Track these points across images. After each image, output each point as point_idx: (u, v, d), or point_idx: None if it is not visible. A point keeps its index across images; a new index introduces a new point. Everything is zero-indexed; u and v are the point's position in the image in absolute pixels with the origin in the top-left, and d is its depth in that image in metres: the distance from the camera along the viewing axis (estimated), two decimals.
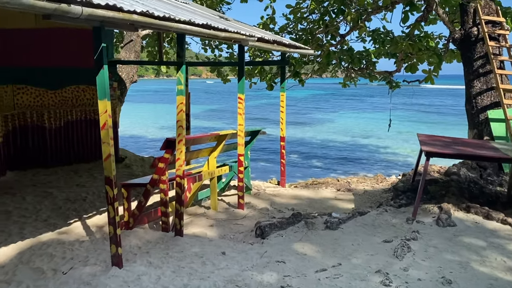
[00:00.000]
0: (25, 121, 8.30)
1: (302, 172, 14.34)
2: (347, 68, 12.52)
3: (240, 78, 5.83)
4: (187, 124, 8.56)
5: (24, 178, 7.90)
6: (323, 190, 7.64)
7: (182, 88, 4.45)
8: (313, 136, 23.84)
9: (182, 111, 4.48)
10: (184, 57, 4.46)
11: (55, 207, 6.12)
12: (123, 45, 11.37)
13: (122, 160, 9.07)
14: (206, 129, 26.48)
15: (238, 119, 5.89)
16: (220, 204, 6.38)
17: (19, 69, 8.25)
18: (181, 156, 4.54)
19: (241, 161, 5.97)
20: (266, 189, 7.48)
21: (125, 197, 5.01)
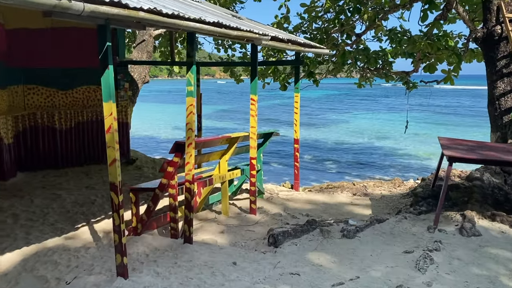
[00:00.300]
0: (36, 122, 8.21)
1: (316, 175, 14.08)
2: (362, 68, 12.25)
3: (252, 78, 5.62)
4: (199, 125, 8.38)
5: (34, 179, 7.80)
6: (339, 195, 7.39)
7: (192, 89, 4.25)
8: (327, 138, 23.52)
9: (191, 113, 4.28)
10: (195, 57, 4.27)
11: (63, 211, 5.98)
12: (136, 45, 11.24)
13: (133, 161, 8.93)
14: (219, 130, 26.33)
15: (251, 121, 5.68)
16: (232, 208, 6.17)
17: (29, 69, 8.17)
18: (190, 160, 4.34)
19: (253, 165, 5.75)
20: (279, 193, 7.25)
21: (133, 201, 4.83)
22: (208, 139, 5.04)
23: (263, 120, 31.13)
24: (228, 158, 5.74)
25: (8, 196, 6.73)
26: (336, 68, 12.42)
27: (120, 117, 8.95)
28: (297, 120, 7.39)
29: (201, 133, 8.46)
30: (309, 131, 26.11)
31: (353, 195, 7.47)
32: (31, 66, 8.15)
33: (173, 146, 4.53)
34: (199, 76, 8.37)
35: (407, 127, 12.33)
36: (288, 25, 11.61)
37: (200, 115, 8.33)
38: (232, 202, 6.53)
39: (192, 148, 4.35)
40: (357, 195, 7.47)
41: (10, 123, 7.76)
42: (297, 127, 7.41)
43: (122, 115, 8.98)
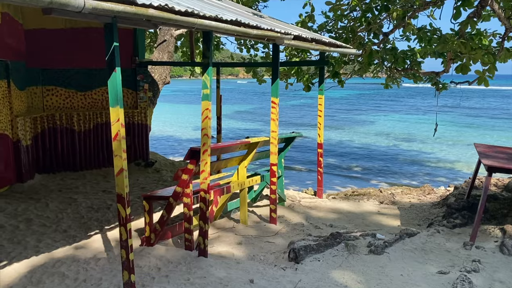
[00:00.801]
0: (54, 124, 8.10)
1: (340, 179, 13.64)
2: (390, 69, 11.79)
3: (274, 80, 5.30)
4: (218, 128, 8.12)
5: (52, 182, 7.69)
6: (365, 203, 6.99)
7: (207, 92, 3.96)
8: (352, 139, 22.95)
9: (207, 118, 3.99)
10: (211, 58, 3.98)
11: (77, 216, 5.80)
12: (157, 45, 11.07)
13: (152, 164, 8.73)
14: (240, 131, 26.09)
15: (271, 125, 5.36)
16: (251, 217, 5.87)
17: (48, 70, 8.07)
18: (206, 167, 4.06)
19: (274, 171, 5.43)
20: (301, 200, 6.91)
21: (146, 210, 4.58)
22: (226, 145, 4.75)
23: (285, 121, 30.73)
24: (247, 164, 5.44)
25: (25, 199, 6.61)
26: (362, 68, 11.99)
27: (139, 118, 8.78)
28: (321, 124, 7.03)
29: (220, 136, 8.19)
30: (334, 132, 25.58)
31: (380, 203, 7.07)
32: (50, 67, 8.05)
33: (188, 153, 4.26)
34: (219, 77, 8.11)
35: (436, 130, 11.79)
36: (312, 24, 11.25)
37: (220, 117, 8.06)
38: (251, 210, 6.23)
39: (208, 155, 4.06)
40: (385, 203, 7.06)
41: (29, 125, 7.67)
42: (321, 130, 7.05)
43: (141, 117, 8.80)
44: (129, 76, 8.64)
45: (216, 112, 8.05)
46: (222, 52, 17.06)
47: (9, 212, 5.93)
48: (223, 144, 4.74)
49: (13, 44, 7.36)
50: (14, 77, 7.29)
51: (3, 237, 4.99)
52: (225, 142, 4.85)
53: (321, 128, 7.03)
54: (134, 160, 8.78)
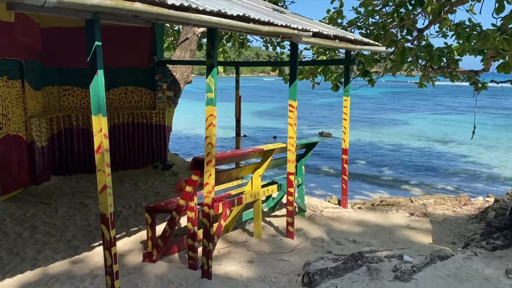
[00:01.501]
0: (71, 124, 7.91)
1: (368, 184, 12.98)
2: (424, 67, 11.08)
3: (292, 81, 4.83)
4: (237, 130, 7.71)
5: (66, 184, 7.49)
6: (393, 214, 6.42)
7: (212, 96, 3.54)
8: (382, 140, 22.09)
9: (212, 125, 3.58)
10: (216, 58, 3.55)
11: (84, 224, 5.52)
12: (179, 43, 10.76)
13: (170, 167, 8.42)
14: (268, 130, 25.62)
15: (289, 131, 4.90)
16: (266, 229, 5.43)
17: (65, 70, 7.87)
18: (210, 180, 3.65)
19: (291, 181, 4.97)
20: (323, 210, 6.41)
21: (149, 223, 4.22)
22: (235, 153, 4.31)
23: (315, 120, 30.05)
24: (262, 173, 5.00)
25: (36, 202, 6.42)
26: (394, 67, 11.30)
27: (157, 119, 8.48)
28: (346, 128, 6.50)
29: (239, 139, 7.79)
30: (363, 132, 24.75)
31: (410, 215, 6.48)
32: (66, 66, 7.85)
33: (192, 163, 3.86)
34: (238, 77, 7.70)
35: (474, 132, 10.98)
36: (342, 20, 10.68)
37: (239, 119, 7.66)
38: (268, 220, 5.80)
39: (212, 166, 3.65)
40: (415, 215, 6.46)
41: (44, 125, 7.50)
42: (346, 135, 6.52)
43: (160, 118, 8.50)
44: (147, 76, 8.35)
45: (235, 114, 7.64)
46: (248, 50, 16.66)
47: (17, 217, 5.73)
48: (233, 152, 4.31)
49: (28, 43, 7.18)
50: (29, 77, 7.11)
51: (4, 246, 4.75)
52: (237, 150, 4.42)
53: (346, 133, 6.50)
54: (152, 163, 8.49)
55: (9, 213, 5.87)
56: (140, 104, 8.40)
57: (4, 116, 6.50)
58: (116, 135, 8.22)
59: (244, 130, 25.09)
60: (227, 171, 4.56)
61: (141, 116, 8.33)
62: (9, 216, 5.76)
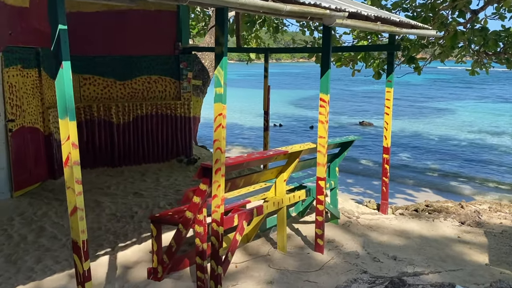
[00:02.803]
0: (92, 115, 7.51)
1: (413, 179, 12.01)
2: (478, 52, 10.00)
3: (324, 70, 4.12)
4: (265, 124, 7.05)
5: (86, 179, 7.07)
6: (441, 223, 5.61)
7: (221, 91, 2.91)
8: (429, 131, 20.75)
9: (221, 126, 2.95)
10: (226, 45, 2.91)
11: (94, 227, 5.08)
12: (209, 29, 10.18)
13: (195, 161, 7.90)
14: (303, 119, 24.76)
15: (319, 129, 4.20)
16: (293, 239, 4.79)
17: (85, 58, 7.45)
18: (218, 191, 3.03)
19: (321, 187, 4.28)
20: (360, 216, 5.68)
21: (154, 235, 3.67)
22: (253, 158, 3.65)
23: (359, 109, 28.84)
24: (288, 177, 4.34)
25: (50, 199, 6.06)
26: (444, 52, 10.27)
27: (182, 111, 7.95)
28: (388, 123, 5.70)
29: (267, 134, 7.13)
30: (408, 122, 23.44)
31: (461, 224, 5.64)
32: (86, 54, 7.43)
33: (199, 170, 3.25)
34: (267, 65, 7.01)
35: None
36: (385, 1, 9.74)
37: (268, 111, 6.99)
38: (296, 227, 5.15)
39: (222, 175, 3.03)
40: (467, 225, 5.62)
41: None
42: (388, 131, 5.73)
43: (185, 109, 7.97)
44: (171, 64, 7.81)
45: (264, 106, 6.98)
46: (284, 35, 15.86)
47: (26, 216, 5.37)
48: (249, 156, 3.66)
49: (45, 29, 6.77)
50: (46, 65, 6.73)
51: (4, 252, 4.37)
52: (255, 152, 3.76)
53: (388, 129, 5.71)
54: (176, 157, 8.00)
55: (19, 211, 5.53)
56: (164, 94, 7.89)
57: (19, 107, 6.14)
58: (139, 127, 7.77)
59: (280, 119, 24.41)
60: (245, 176, 3.93)
61: (165, 107, 7.83)
62: (19, 215, 5.41)
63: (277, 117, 25.48)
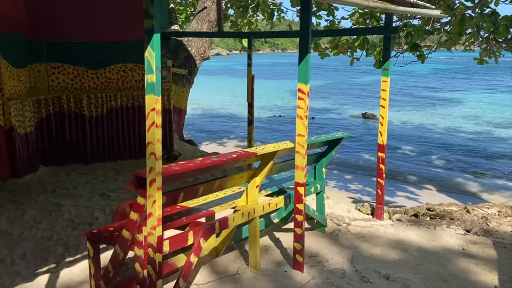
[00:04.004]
0: (61, 108, 6.86)
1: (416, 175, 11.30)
2: (487, 40, 9.23)
3: (302, 56, 3.42)
4: (249, 118, 6.37)
5: (53, 177, 6.51)
6: (444, 232, 4.92)
7: (153, 79, 2.23)
8: (433, 123, 19.95)
9: (154, 125, 2.28)
10: (158, 18, 2.23)
11: (45, 236, 4.46)
12: (196, 13, 9.46)
13: (175, 158, 7.25)
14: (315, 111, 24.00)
15: (297, 126, 3.51)
16: (270, 252, 4.13)
17: (54, 44, 6.78)
18: (154, 209, 2.37)
19: (300, 195, 3.60)
20: (351, 223, 5.00)
21: (91, 256, 3.02)
22: (207, 163, 2.93)
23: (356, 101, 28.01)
24: (261, 182, 3.67)
25: (7, 201, 5.45)
26: (450, 39, 9.48)
27: (162, 102, 7.26)
28: (384, 118, 5.00)
29: (252, 129, 6.45)
30: (413, 114, 22.63)
31: (466, 232, 4.95)
32: (55, 40, 6.75)
33: (132, 180, 2.58)
34: (250, 52, 6.30)
35: None
36: None
37: (252, 104, 6.30)
38: (277, 236, 4.50)
39: (156, 188, 2.36)
40: (473, 233, 4.93)
41: (29, 109, 6.48)
42: (384, 127, 5.03)
43: (164, 100, 7.31)
44: None
45: (247, 97, 6.29)
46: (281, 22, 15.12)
47: None
48: (203, 162, 2.96)
49: (5, 12, 6.11)
50: (7, 52, 6.07)
51: None
52: (212, 156, 3.06)
53: (384, 124, 5.01)
54: None
55: None
56: (142, 84, 7.22)
57: None
58: (114, 120, 7.11)
59: (280, 110, 23.70)
60: (205, 183, 3.25)
61: (142, 98, 7.16)
62: None
63: (277, 108, 24.77)
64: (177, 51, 8.92)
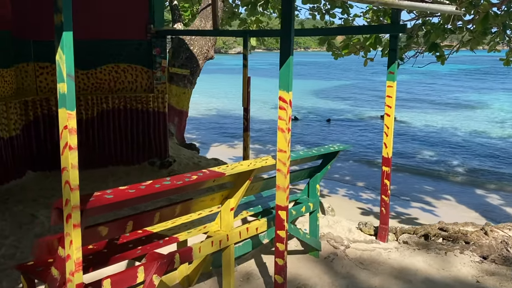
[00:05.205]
0: (49, 110, 6.50)
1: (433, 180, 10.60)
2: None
3: (284, 59, 2.89)
4: (245, 123, 5.86)
5: (38, 184, 6.15)
6: (456, 258, 4.32)
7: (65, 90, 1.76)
8: (456, 127, 19.03)
9: (67, 146, 1.80)
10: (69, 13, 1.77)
11: (6, 255, 4.04)
12: (200, 10, 9.00)
13: (169, 165, 6.80)
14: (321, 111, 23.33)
15: (279, 141, 2.99)
16: (252, 281, 3.63)
17: (42, 43, 6.41)
18: (72, 251, 1.89)
19: (282, 220, 3.08)
20: (350, 245, 4.45)
21: None
22: (151, 189, 2.35)
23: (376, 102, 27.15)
24: (236, 205, 3.16)
25: None
26: (474, 39, 8.77)
27: (156, 105, 6.85)
28: (389, 127, 4.42)
29: (247, 136, 5.94)
30: (434, 116, 21.70)
31: (482, 259, 4.34)
32: (44, 38, 6.37)
33: (54, 213, 2.11)
34: (246, 51, 5.80)
35: None
36: None
37: (247, 108, 5.79)
38: (264, 261, 3.99)
39: (72, 225, 1.88)
40: (490, 260, 4.32)
41: (15, 111, 6.13)
42: (389, 137, 4.44)
43: (158, 103, 6.86)
44: (143, 50, 6.69)
45: (243, 101, 5.79)
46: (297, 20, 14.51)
47: None
48: (150, 187, 2.44)
49: None
50: None
51: None
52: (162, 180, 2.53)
53: (389, 134, 4.42)
54: (149, 159, 6.92)
55: None
56: (135, 85, 6.80)
57: None
58: (105, 124, 6.71)
59: (296, 111, 23.10)
60: (164, 208, 2.76)
61: (135, 100, 6.74)
62: None
63: (294, 109, 24.18)
64: (178, 50, 8.49)
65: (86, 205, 2.04)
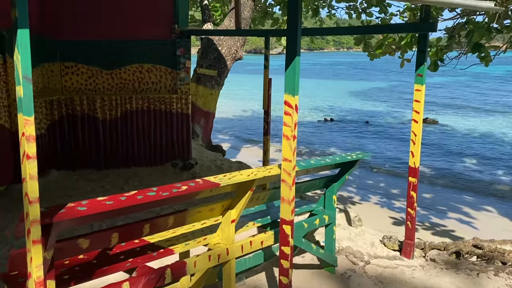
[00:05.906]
0: (74, 110, 6.52)
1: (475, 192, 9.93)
2: None
3: (290, 60, 2.64)
4: (265, 127, 5.62)
5: (61, 183, 6.18)
6: (489, 280, 3.91)
7: (21, 94, 1.58)
8: (505, 132, 17.94)
9: (25, 155, 1.64)
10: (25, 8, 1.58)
11: None
12: (229, 10, 8.85)
13: (191, 167, 6.67)
14: (359, 113, 22.64)
15: (283, 149, 2.74)
16: None
17: (67, 43, 6.44)
18: (32, 269, 1.73)
19: (286, 235, 2.82)
20: (371, 261, 4.12)
21: None
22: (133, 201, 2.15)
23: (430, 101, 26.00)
24: (238, 217, 2.94)
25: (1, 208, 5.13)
26: None
27: (179, 106, 6.73)
28: (416, 134, 4.06)
29: (268, 138, 5.71)
30: (480, 120, 20.58)
31: None
32: (69, 38, 6.42)
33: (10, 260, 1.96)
34: (267, 52, 5.55)
35: None
36: None
37: (268, 111, 5.55)
38: (276, 274, 3.73)
39: (32, 241, 1.72)
40: None
41: (41, 110, 6.19)
42: (417, 145, 4.08)
43: (182, 104, 6.74)
44: (167, 50, 6.59)
45: (263, 104, 5.55)
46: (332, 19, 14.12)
47: None
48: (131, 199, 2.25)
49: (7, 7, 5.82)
50: None
51: None
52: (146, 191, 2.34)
53: (417, 143, 4.06)
54: (172, 160, 6.82)
55: None
56: (159, 86, 6.71)
57: None
58: (129, 124, 6.66)
59: (333, 113, 22.59)
60: (155, 220, 2.57)
61: (159, 101, 6.65)
62: None
63: (331, 110, 23.66)
64: (206, 50, 8.36)
65: (55, 218, 1.87)
